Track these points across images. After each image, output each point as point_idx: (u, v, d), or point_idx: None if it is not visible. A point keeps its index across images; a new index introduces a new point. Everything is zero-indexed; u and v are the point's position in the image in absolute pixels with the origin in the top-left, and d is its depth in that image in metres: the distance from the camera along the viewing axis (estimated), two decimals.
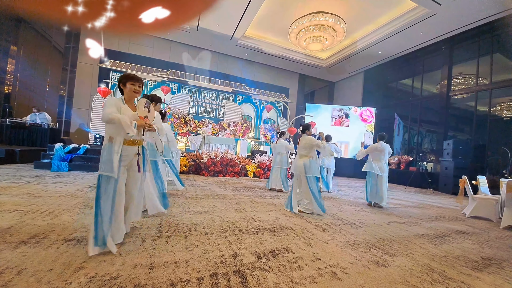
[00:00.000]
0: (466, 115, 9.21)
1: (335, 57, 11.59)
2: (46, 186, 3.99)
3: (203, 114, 11.64)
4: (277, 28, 9.79)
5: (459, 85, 9.07)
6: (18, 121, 7.90)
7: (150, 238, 2.21)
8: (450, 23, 7.92)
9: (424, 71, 10.27)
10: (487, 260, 2.42)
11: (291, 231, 2.78)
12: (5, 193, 3.35)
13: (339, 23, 8.22)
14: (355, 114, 11.61)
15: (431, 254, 2.42)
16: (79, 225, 2.37)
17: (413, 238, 2.92)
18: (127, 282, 1.51)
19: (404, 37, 8.99)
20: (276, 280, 1.68)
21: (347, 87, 13.94)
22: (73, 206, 2.99)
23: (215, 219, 2.97)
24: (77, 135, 9.83)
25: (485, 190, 4.85)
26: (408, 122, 10.97)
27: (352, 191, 6.58)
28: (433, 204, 5.68)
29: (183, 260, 1.86)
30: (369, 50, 10.21)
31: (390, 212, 4.31)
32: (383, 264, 2.08)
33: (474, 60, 8.57)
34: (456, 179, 7.34)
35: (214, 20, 9.06)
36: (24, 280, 1.43)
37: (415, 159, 10.11)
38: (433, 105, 9.92)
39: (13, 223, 2.30)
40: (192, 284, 1.55)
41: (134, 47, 10.67)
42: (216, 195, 4.45)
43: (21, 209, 2.73)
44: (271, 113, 12.85)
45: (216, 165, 7.42)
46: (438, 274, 2.00)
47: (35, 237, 2.03)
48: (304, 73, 13.81)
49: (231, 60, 12.35)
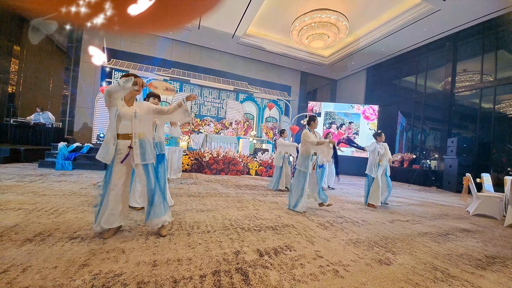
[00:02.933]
0: (470, 113, 9.10)
1: (337, 55, 11.51)
2: (51, 185, 4.03)
3: (205, 112, 11.65)
4: (279, 26, 9.74)
5: (463, 82, 8.96)
6: (22, 121, 7.97)
7: (153, 235, 2.23)
8: (454, 19, 7.81)
9: (428, 68, 10.16)
10: (491, 258, 2.41)
11: (293, 229, 2.78)
12: (10, 191, 3.39)
13: (342, 20, 8.15)
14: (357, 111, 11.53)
15: (434, 252, 2.41)
16: (83, 223, 2.40)
17: (416, 236, 2.91)
18: (130, 279, 1.52)
19: (408, 34, 8.90)
20: (278, 277, 1.69)
21: (349, 84, 13.85)
22: (77, 204, 3.02)
23: (217, 217, 2.98)
24: (80, 134, 9.91)
25: (489, 188, 4.81)
26: (411, 120, 10.88)
27: (354, 189, 6.56)
28: (437, 202, 5.64)
29: (186, 257, 1.87)
30: (372, 47, 10.12)
31: (393, 210, 4.30)
32: (386, 262, 2.07)
33: (478, 56, 8.45)
34: (460, 177, 7.29)
35: (215, 19, 9.04)
36: (30, 278, 1.45)
37: (418, 157, 10.04)
38: (437, 103, 9.82)
39: (19, 221, 2.33)
40: (194, 281, 1.56)
41: (136, 46, 10.70)
42: (218, 193, 4.46)
43: (26, 207, 2.76)
44: (273, 111, 12.82)
45: (218, 164, 7.44)
46: (441, 272, 1.99)
47: (40, 235, 2.06)
48: (306, 71, 13.74)
49: (233, 59, 12.32)
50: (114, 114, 2.09)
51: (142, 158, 2.18)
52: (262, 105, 12.74)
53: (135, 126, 2.17)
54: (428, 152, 10.09)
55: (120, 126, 2.15)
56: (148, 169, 2.22)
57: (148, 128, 2.30)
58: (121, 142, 2.15)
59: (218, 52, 11.99)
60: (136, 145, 2.16)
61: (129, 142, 2.16)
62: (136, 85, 2.11)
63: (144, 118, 2.24)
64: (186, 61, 11.47)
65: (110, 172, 2.15)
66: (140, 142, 2.19)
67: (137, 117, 2.18)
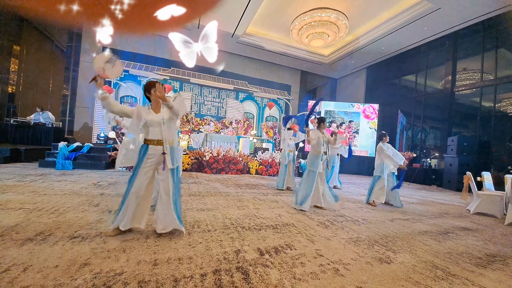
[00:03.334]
0: (471, 111, 9.09)
1: (337, 54, 11.49)
2: (51, 184, 4.04)
3: (205, 112, 11.65)
4: (279, 25, 9.73)
5: (463, 81, 8.95)
6: (23, 121, 7.97)
7: (154, 235, 2.23)
8: (454, 18, 7.79)
9: (428, 67, 10.14)
10: (491, 256, 2.41)
11: (293, 228, 2.79)
12: (11, 191, 3.40)
13: (342, 18, 8.14)
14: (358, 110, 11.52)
15: (435, 251, 2.42)
16: (84, 223, 2.40)
17: (416, 234, 2.91)
18: (131, 278, 1.53)
19: (408, 33, 8.88)
20: (279, 276, 1.69)
21: (349, 83, 13.84)
22: (77, 204, 3.03)
23: (217, 216, 2.98)
24: (80, 133, 9.91)
25: (489, 187, 4.81)
26: (411, 119, 10.87)
27: (355, 188, 6.56)
28: (437, 200, 5.64)
29: (186, 256, 1.87)
30: (372, 46, 10.11)
31: (393, 209, 4.30)
32: (386, 261, 2.08)
33: (478, 55, 8.44)
34: (460, 175, 7.29)
35: (215, 18, 9.00)
36: (31, 277, 1.45)
37: (418, 156, 10.03)
38: (437, 101, 9.81)
39: (19, 220, 2.33)
40: (195, 280, 1.57)
41: (135, 45, 10.68)
42: (218, 193, 4.46)
43: (26, 207, 2.77)
44: (273, 111, 12.82)
45: (219, 163, 7.44)
46: (442, 270, 1.99)
47: (41, 234, 2.06)
48: (306, 70, 13.73)
49: (232, 58, 12.30)
50: (140, 123, 2.16)
51: (173, 163, 2.26)
52: (262, 104, 12.73)
53: (165, 132, 2.23)
54: (429, 151, 10.08)
55: (149, 132, 2.22)
56: (174, 173, 2.29)
57: (174, 133, 2.36)
58: (153, 148, 2.21)
59: (218, 51, 11.94)
60: (168, 150, 2.23)
61: (161, 148, 2.21)
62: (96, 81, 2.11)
63: (169, 123, 2.29)
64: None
65: (135, 176, 2.18)
66: (171, 148, 2.26)
67: (165, 123, 2.24)
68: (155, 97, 2.23)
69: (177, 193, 2.29)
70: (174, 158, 2.28)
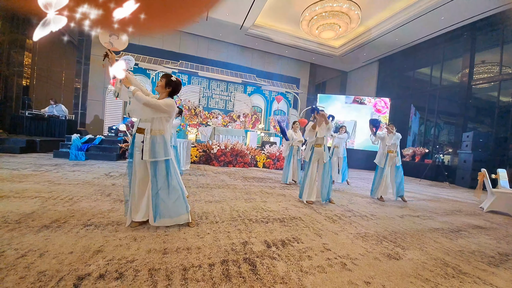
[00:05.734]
0: (487, 106, 8.72)
1: (348, 45, 11.17)
2: (65, 174, 4.17)
3: (213, 105, 11.66)
4: (288, 16, 9.51)
5: (481, 74, 8.55)
6: (37, 113, 8.22)
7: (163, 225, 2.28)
8: (473, 8, 7.39)
9: (444, 59, 9.73)
10: (504, 255, 2.34)
11: (300, 221, 2.79)
12: (27, 180, 3.53)
13: (354, 8, 7.86)
14: (369, 104, 11.26)
15: (446, 248, 2.37)
16: (97, 211, 2.48)
17: (426, 232, 2.86)
18: (142, 265, 1.57)
19: (423, 23, 8.50)
20: (286, 268, 1.70)
21: (360, 76, 13.49)
22: (90, 193, 3.12)
23: (225, 208, 3.01)
24: (92, 126, 10.15)
25: (504, 184, 4.64)
26: (424, 113, 10.54)
27: (363, 183, 6.47)
28: (449, 197, 5.51)
29: (195, 246, 1.91)
30: (384, 37, 9.75)
31: (403, 205, 4.23)
32: (395, 257, 2.05)
33: (497, 47, 8.02)
34: (474, 172, 7.06)
35: (223, 10, 8.90)
36: (47, 262, 1.52)
37: (431, 151, 9.76)
38: (453, 96, 9.44)
39: (35, 208, 2.43)
40: (203, 269, 1.59)
41: (144, 38, 10.70)
42: (226, 185, 4.50)
43: (42, 195, 2.87)
44: (282, 104, 12.69)
45: (226, 156, 7.48)
46: (452, 268, 1.95)
47: (56, 221, 2.14)
48: (316, 62, 13.45)
49: (241, 50, 12.18)
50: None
51: (153, 155, 2.24)
52: (270, 98, 12.62)
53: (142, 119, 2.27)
54: (442, 146, 9.78)
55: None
56: (156, 166, 2.26)
57: (160, 123, 2.26)
58: (137, 136, 2.23)
59: (226, 43, 11.85)
60: (147, 140, 2.26)
61: (142, 136, 2.20)
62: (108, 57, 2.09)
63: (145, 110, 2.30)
64: (194, 53, 11.42)
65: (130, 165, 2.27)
66: (152, 138, 2.25)
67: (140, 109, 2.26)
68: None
69: (161, 190, 2.15)
70: (155, 150, 2.14)
